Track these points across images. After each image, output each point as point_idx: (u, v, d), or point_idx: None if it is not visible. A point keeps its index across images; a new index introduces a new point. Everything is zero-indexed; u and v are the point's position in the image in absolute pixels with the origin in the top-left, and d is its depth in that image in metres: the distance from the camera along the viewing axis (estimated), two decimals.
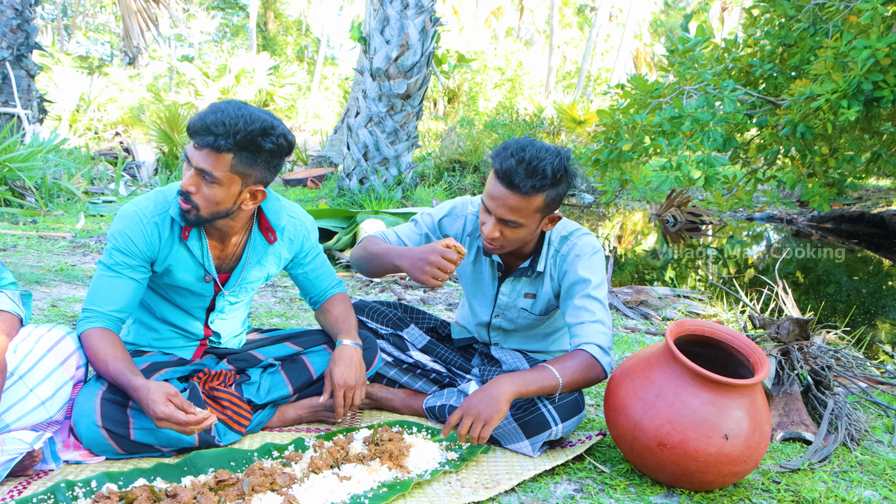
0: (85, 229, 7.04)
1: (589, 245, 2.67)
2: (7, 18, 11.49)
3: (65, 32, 32.48)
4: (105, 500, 2.01)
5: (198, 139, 2.24)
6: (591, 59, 29.97)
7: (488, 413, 2.34)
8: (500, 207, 2.45)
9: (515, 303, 2.84)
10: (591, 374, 2.52)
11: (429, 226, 2.87)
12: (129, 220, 2.42)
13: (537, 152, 2.40)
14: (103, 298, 2.41)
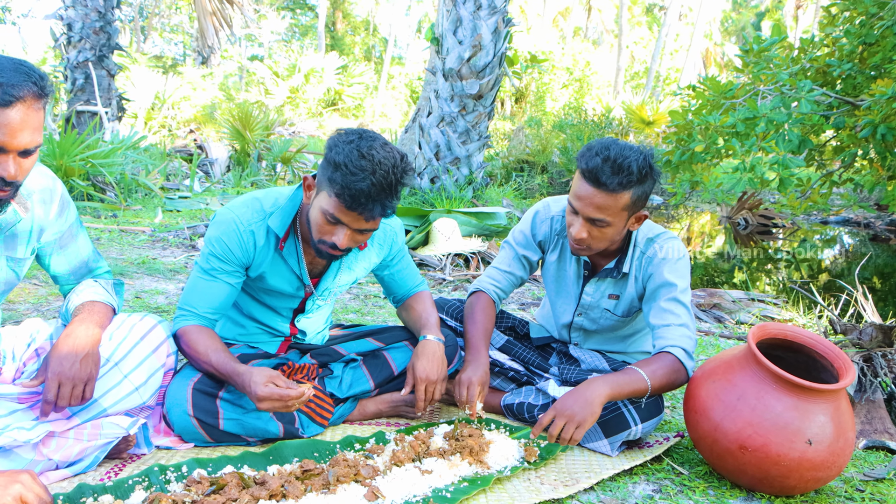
0: (163, 224, 7.24)
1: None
2: (91, 21, 11.86)
3: (141, 33, 33.31)
4: (196, 485, 2.07)
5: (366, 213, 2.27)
6: (661, 58, 29.60)
7: (582, 415, 2.35)
8: (588, 206, 2.47)
9: (599, 303, 2.86)
10: (676, 378, 2.53)
11: (522, 243, 2.93)
12: (225, 227, 2.47)
13: (621, 150, 2.43)
14: (199, 300, 2.49)
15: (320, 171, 2.33)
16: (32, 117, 1.90)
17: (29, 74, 1.88)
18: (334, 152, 2.24)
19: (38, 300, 4.21)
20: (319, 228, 2.35)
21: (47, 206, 2.28)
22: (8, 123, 1.84)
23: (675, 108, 14.59)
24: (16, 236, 2.22)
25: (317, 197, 2.35)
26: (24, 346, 2.51)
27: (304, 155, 13.17)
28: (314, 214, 2.35)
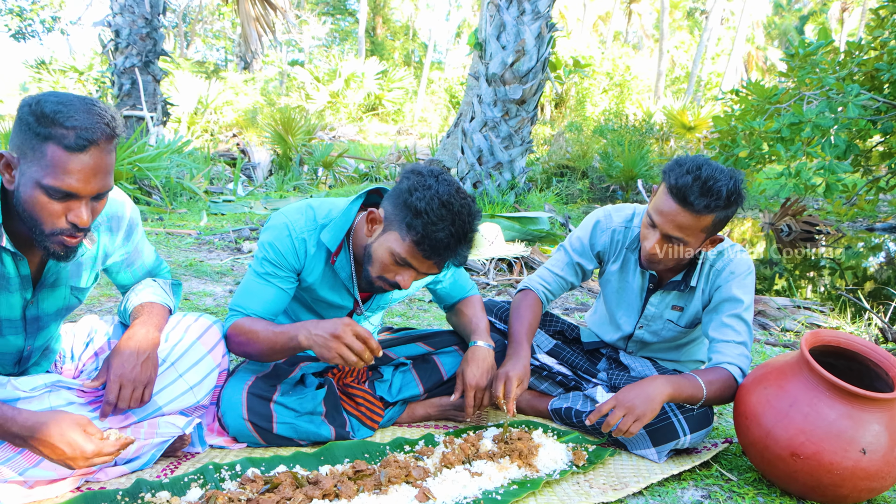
0: (208, 227, 7.33)
1: (744, 263, 2.66)
2: (138, 27, 12.07)
3: (184, 39, 33.77)
4: (251, 484, 2.11)
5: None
6: (702, 63, 29.37)
7: (642, 409, 2.36)
8: (669, 224, 2.45)
9: (662, 314, 2.85)
10: (728, 394, 2.53)
11: (578, 250, 2.91)
12: (279, 233, 2.48)
13: (713, 172, 2.39)
14: (251, 301, 2.49)
15: (392, 209, 2.30)
16: (105, 161, 1.87)
17: (101, 116, 1.84)
18: (415, 197, 2.22)
19: (90, 301, 4.30)
20: (384, 267, 2.33)
21: (114, 234, 2.30)
22: (82, 169, 1.82)
23: (717, 113, 14.50)
24: (80, 266, 2.24)
25: (384, 235, 2.33)
26: (82, 345, 2.58)
27: (345, 159, 13.26)
28: (381, 253, 2.33)
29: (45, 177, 1.80)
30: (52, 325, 2.28)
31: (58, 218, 1.86)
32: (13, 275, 2.02)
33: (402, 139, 21.63)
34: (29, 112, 1.80)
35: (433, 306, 4.82)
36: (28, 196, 1.83)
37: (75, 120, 1.79)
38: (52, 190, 1.81)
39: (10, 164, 1.85)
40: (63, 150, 1.79)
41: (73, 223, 1.88)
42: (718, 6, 28.79)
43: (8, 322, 2.10)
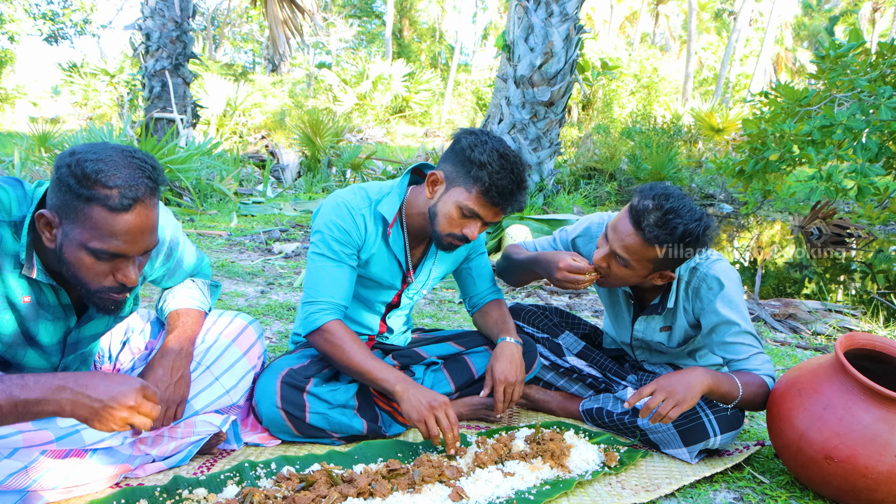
0: (238, 228, 7.40)
1: (720, 277, 2.59)
2: (168, 30, 12.20)
3: (212, 42, 34.04)
4: (286, 481, 2.13)
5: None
6: (730, 64, 29.16)
7: (682, 395, 2.37)
8: (618, 241, 2.46)
9: (652, 336, 2.86)
10: (759, 401, 2.53)
11: (563, 241, 2.93)
12: (340, 211, 2.56)
13: (679, 208, 2.37)
14: (332, 289, 2.54)
15: (452, 167, 2.47)
16: (151, 217, 1.82)
17: (142, 169, 1.78)
18: (476, 152, 2.40)
19: None
20: (451, 222, 2.49)
21: (153, 261, 2.29)
22: (129, 230, 1.77)
23: (745, 115, 14.39)
24: None
25: (448, 192, 2.49)
26: (119, 344, 2.62)
27: (373, 161, 13.31)
28: (447, 208, 2.48)
29: (92, 240, 1.75)
30: (91, 346, 2.31)
31: (104, 277, 1.83)
32: (54, 303, 2.00)
33: (429, 141, 21.69)
34: (69, 173, 1.72)
35: (461, 308, 4.84)
36: (73, 257, 1.79)
37: (118, 178, 1.73)
38: (99, 252, 1.77)
39: (50, 223, 1.78)
40: (108, 212, 1.73)
41: (121, 283, 1.85)
42: (747, 7, 28.60)
43: (46, 347, 2.08)
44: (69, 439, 2.01)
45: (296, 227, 7.60)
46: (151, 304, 4.31)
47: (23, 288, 1.90)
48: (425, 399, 2.34)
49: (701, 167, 15.68)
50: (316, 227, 2.59)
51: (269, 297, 4.74)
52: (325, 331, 2.49)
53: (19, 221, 1.85)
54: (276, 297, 4.75)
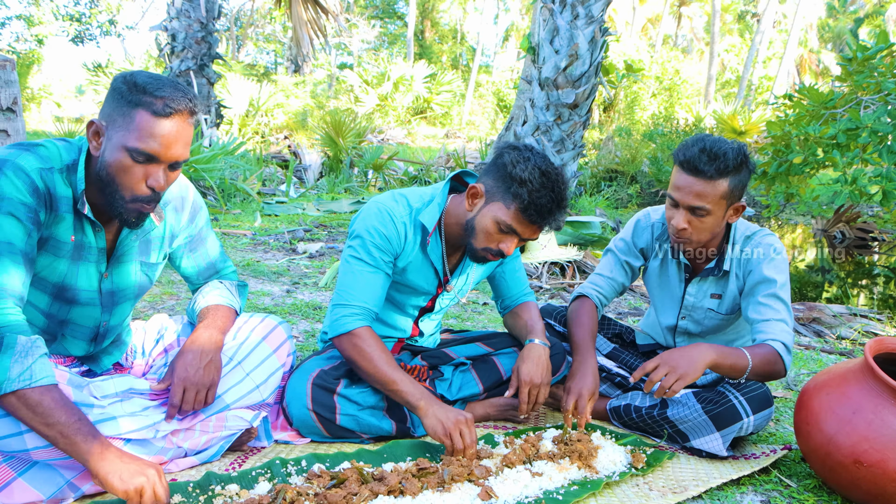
0: (262, 228, 7.45)
1: (773, 246, 2.74)
2: (194, 31, 12.30)
3: (235, 42, 34.23)
4: (317, 479, 2.16)
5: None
6: (753, 67, 29.00)
7: (685, 369, 2.42)
8: (687, 195, 2.56)
9: (702, 303, 2.91)
10: (774, 369, 2.56)
11: (623, 249, 3.01)
12: (381, 218, 2.58)
13: (716, 141, 2.54)
14: (366, 294, 2.55)
15: (493, 182, 2.49)
16: (185, 131, 2.04)
17: (185, 92, 2.03)
18: (518, 168, 2.41)
19: (153, 298, 4.41)
20: (488, 237, 2.50)
21: (179, 214, 2.41)
22: (165, 134, 1.99)
23: (768, 117, 14.29)
24: (150, 242, 2.36)
25: (487, 206, 2.50)
26: (152, 341, 2.68)
27: (395, 162, 13.35)
28: (485, 223, 2.50)
29: (131, 140, 1.97)
30: (125, 304, 2.40)
31: (137, 182, 2.03)
32: (92, 245, 2.19)
33: (450, 142, 21.71)
34: (122, 82, 2.00)
35: (487, 309, 4.86)
36: (113, 159, 2.01)
37: (163, 91, 1.98)
38: (136, 152, 1.98)
39: (98, 131, 2.03)
40: (150, 115, 1.97)
41: (151, 187, 2.04)
42: (771, 9, 28.44)
43: (86, 293, 2.24)
44: (106, 424, 2.08)
45: (319, 227, 7.65)
46: (178, 302, 4.37)
47: (71, 228, 2.12)
48: (451, 415, 2.36)
49: None
50: (356, 232, 2.60)
51: (295, 296, 4.78)
52: (355, 335, 2.49)
53: (71, 164, 2.09)
54: (302, 296, 4.79)
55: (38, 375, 1.86)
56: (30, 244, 2.00)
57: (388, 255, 2.59)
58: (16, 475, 1.97)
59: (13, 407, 1.86)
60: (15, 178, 1.98)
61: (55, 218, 2.09)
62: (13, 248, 1.96)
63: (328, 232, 7.43)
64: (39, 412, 1.85)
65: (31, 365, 1.86)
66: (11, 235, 1.95)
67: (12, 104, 4.61)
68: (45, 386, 1.86)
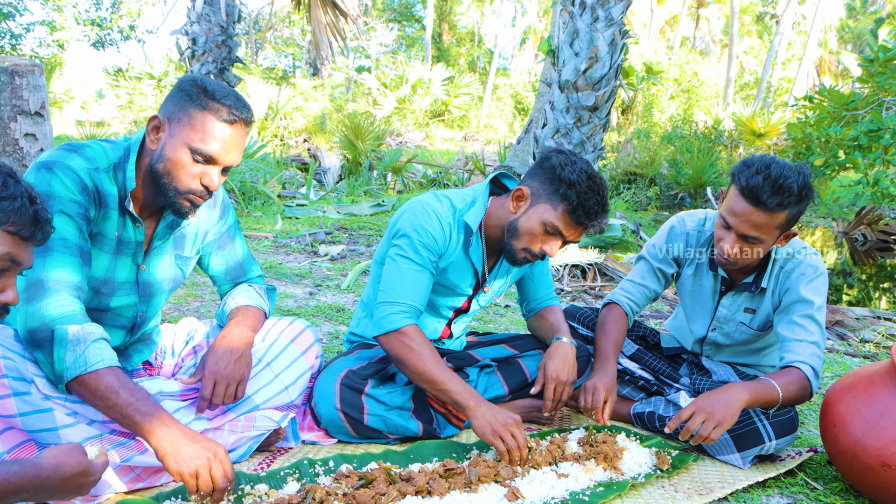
0: (284, 230, 7.50)
1: (814, 265, 2.69)
2: (214, 35, 12.37)
3: (254, 46, 34.40)
4: (345, 479, 2.18)
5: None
6: (772, 68, 28.83)
7: (722, 415, 2.38)
8: (743, 224, 2.50)
9: (734, 316, 2.88)
10: (803, 395, 2.53)
11: (656, 257, 2.97)
12: (428, 217, 2.60)
13: (782, 170, 2.44)
14: (413, 292, 2.56)
15: (539, 184, 2.53)
16: (242, 139, 2.19)
17: (246, 105, 2.18)
18: (567, 171, 2.46)
19: (178, 300, 4.46)
20: (532, 238, 2.54)
21: (211, 210, 2.48)
22: (227, 139, 2.13)
23: (788, 119, 14.20)
24: (184, 237, 2.43)
25: (532, 208, 2.54)
26: (182, 343, 2.72)
27: (414, 165, 13.38)
28: (530, 224, 2.53)
29: (195, 140, 2.10)
30: (160, 295, 2.47)
31: (192, 179, 2.14)
32: (131, 239, 2.29)
33: (468, 145, 21.74)
34: (192, 85, 2.13)
35: (509, 311, 4.88)
36: (173, 155, 2.12)
37: (229, 99, 2.12)
38: (198, 152, 2.11)
39: (159, 126, 2.15)
40: (216, 120, 2.10)
41: (205, 186, 2.16)
42: (790, 10, 28.26)
43: (123, 284, 2.33)
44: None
45: (340, 229, 7.69)
46: (203, 304, 4.41)
47: (115, 225, 2.23)
48: (501, 416, 2.37)
49: None
50: (403, 231, 2.60)
51: (318, 298, 4.81)
52: (403, 334, 2.49)
53: (117, 163, 2.21)
54: (325, 298, 4.82)
55: (91, 360, 1.94)
56: (83, 238, 2.11)
57: (434, 254, 2.61)
58: None
59: (77, 393, 1.97)
60: (65, 178, 2.08)
61: (103, 215, 2.20)
62: (67, 243, 2.06)
63: (349, 235, 7.47)
64: (99, 395, 1.93)
65: (83, 352, 1.94)
66: (65, 231, 2.06)
67: (40, 108, 4.67)
68: (101, 370, 1.94)
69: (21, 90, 4.58)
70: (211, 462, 1.90)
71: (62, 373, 1.94)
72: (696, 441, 2.40)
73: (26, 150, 4.66)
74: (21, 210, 1.59)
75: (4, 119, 4.57)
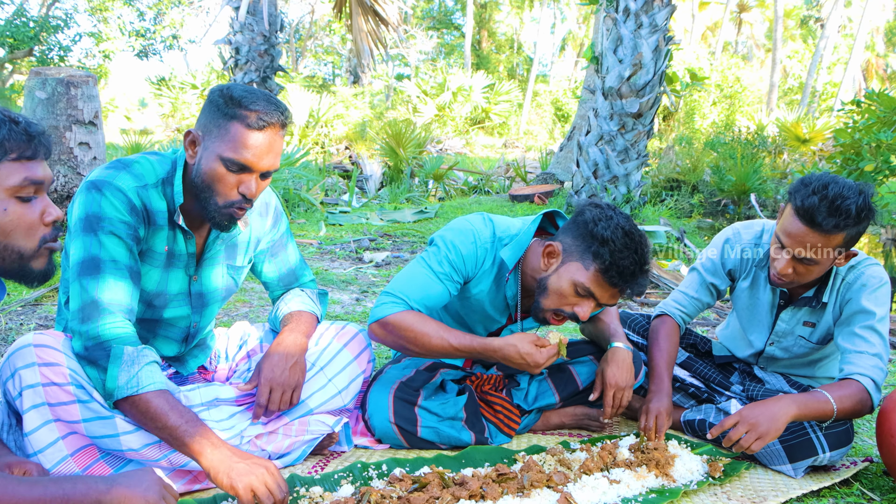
0: (328, 237, 7.54)
1: (876, 276, 2.61)
2: (257, 44, 12.51)
3: (294, 54, 34.72)
4: (399, 483, 2.20)
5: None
6: (817, 73, 28.43)
7: (766, 427, 2.35)
8: (798, 245, 2.44)
9: (793, 330, 2.82)
10: (861, 409, 2.47)
11: (710, 269, 2.91)
12: (465, 238, 2.53)
13: (841, 190, 2.36)
14: (416, 292, 2.49)
15: (572, 240, 2.42)
16: (276, 143, 2.15)
17: (278, 106, 2.14)
18: (600, 227, 2.34)
19: (226, 306, 4.52)
20: (561, 299, 2.43)
21: (263, 218, 2.51)
22: (259, 146, 2.10)
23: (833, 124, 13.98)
24: (235, 247, 2.45)
25: (563, 266, 2.42)
26: (235, 347, 2.76)
27: (455, 172, 13.40)
28: (560, 284, 2.41)
29: (226, 150, 2.10)
30: (213, 305, 2.50)
31: (230, 189, 2.14)
32: (182, 252, 2.31)
33: (508, 152, 21.73)
34: (219, 95, 2.12)
35: None
36: (208, 168, 2.12)
37: (257, 105, 2.09)
38: (230, 162, 2.10)
39: (195, 140, 2.16)
40: (245, 129, 2.08)
41: (243, 194, 2.15)
42: (835, 13, 27.87)
43: (176, 296, 2.36)
44: None
45: (384, 236, 7.72)
46: (251, 309, 4.46)
47: (164, 239, 2.26)
48: (525, 342, 2.39)
49: (786, 178, 15.37)
50: (435, 241, 2.58)
51: (364, 304, 4.85)
52: (395, 320, 2.44)
53: (166, 178, 2.23)
54: (371, 304, 4.84)
55: (144, 382, 1.96)
56: (133, 258, 2.13)
57: (458, 273, 2.53)
58: (112, 472, 2.06)
59: (126, 411, 1.99)
60: (114, 199, 2.10)
61: (152, 231, 2.23)
62: (118, 265, 2.09)
63: (393, 241, 7.50)
64: (149, 416, 1.95)
65: (137, 373, 1.96)
66: (115, 253, 2.09)
67: (94, 118, 4.78)
68: (152, 392, 1.96)
69: (76, 100, 4.69)
70: (265, 476, 1.90)
71: (113, 391, 1.97)
72: (738, 450, 2.39)
73: (80, 158, 4.78)
74: (11, 135, 1.60)
75: (60, 128, 4.68)
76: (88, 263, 2.06)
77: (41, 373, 1.96)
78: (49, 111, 4.66)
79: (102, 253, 2.07)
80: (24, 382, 1.97)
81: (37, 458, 1.98)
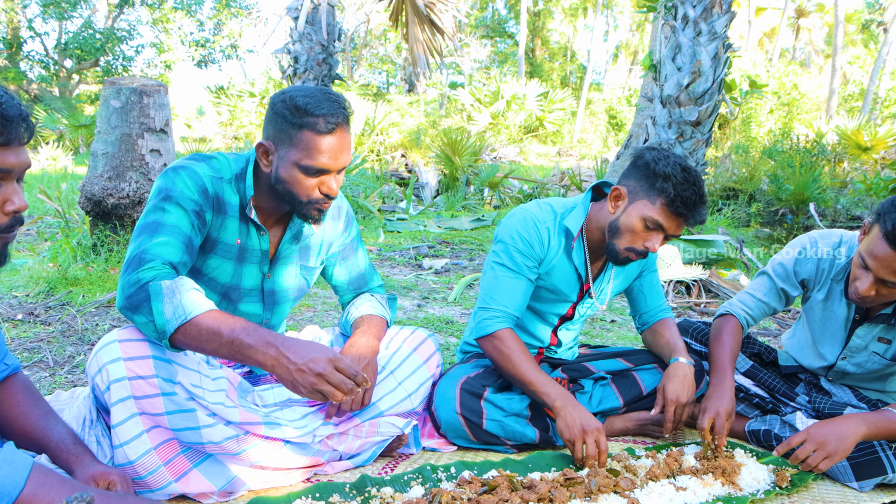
0: (387, 244, 7.64)
1: None
2: (315, 53, 12.72)
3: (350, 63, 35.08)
4: (468, 485, 2.24)
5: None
6: (879, 79, 27.82)
7: (834, 447, 2.34)
8: (884, 269, 2.37)
9: (868, 346, 2.76)
10: None
11: (782, 276, 2.87)
12: (525, 224, 2.71)
13: None
14: (507, 298, 2.68)
15: (635, 182, 2.58)
16: (346, 140, 2.23)
17: (339, 102, 2.21)
18: (661, 165, 2.51)
19: (292, 310, 4.61)
20: (634, 236, 2.58)
21: (335, 221, 2.59)
22: (331, 149, 2.18)
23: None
24: (309, 248, 2.54)
25: (631, 206, 2.59)
26: None
27: (510, 180, 13.42)
28: (631, 221, 2.57)
29: (303, 158, 2.17)
30: (285, 304, 2.58)
31: (312, 191, 2.23)
32: (256, 247, 2.39)
33: (562, 160, 21.66)
34: (283, 106, 2.17)
35: (615, 326, 4.88)
36: (287, 175, 2.20)
37: (322, 108, 2.14)
38: (308, 169, 2.18)
39: (267, 151, 2.23)
40: (315, 135, 2.15)
41: (325, 194, 2.24)
42: None
43: (249, 291, 2.45)
44: (275, 428, 2.25)
45: (442, 243, 7.79)
46: (315, 314, 4.55)
47: (236, 232, 2.34)
48: (580, 421, 2.43)
49: (847, 187, 15.08)
50: (500, 237, 2.73)
51: (426, 310, 4.91)
52: (496, 337, 2.63)
53: (240, 174, 2.31)
54: (433, 310, 4.91)
55: (188, 308, 1.97)
56: (194, 232, 2.20)
57: (532, 259, 2.70)
58: (192, 466, 2.15)
59: (182, 343, 2.00)
60: (187, 179, 2.21)
61: (222, 221, 2.31)
62: (177, 230, 2.15)
63: (451, 248, 7.56)
64: (205, 338, 1.96)
65: (180, 301, 1.97)
66: (177, 220, 2.16)
67: (165, 125, 4.92)
68: (198, 315, 1.97)
69: (148, 109, 4.84)
70: (333, 361, 1.96)
71: (164, 327, 1.95)
72: (804, 469, 2.38)
73: (151, 165, 4.92)
74: None
75: (133, 136, 4.83)
76: (149, 226, 2.14)
77: (127, 367, 2.02)
78: (123, 119, 4.81)
79: (164, 218, 2.15)
80: (112, 377, 2.02)
81: (122, 449, 2.04)
